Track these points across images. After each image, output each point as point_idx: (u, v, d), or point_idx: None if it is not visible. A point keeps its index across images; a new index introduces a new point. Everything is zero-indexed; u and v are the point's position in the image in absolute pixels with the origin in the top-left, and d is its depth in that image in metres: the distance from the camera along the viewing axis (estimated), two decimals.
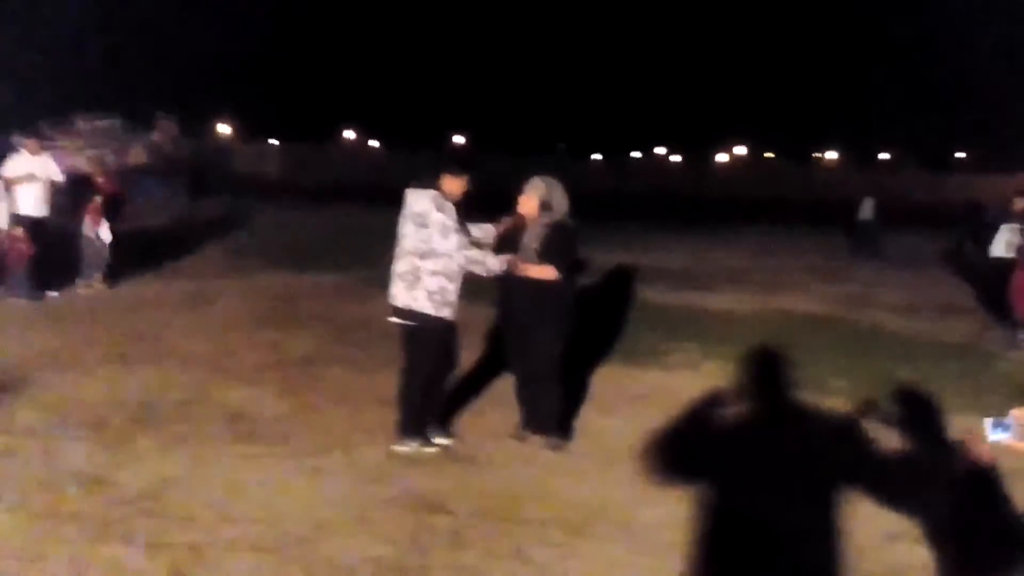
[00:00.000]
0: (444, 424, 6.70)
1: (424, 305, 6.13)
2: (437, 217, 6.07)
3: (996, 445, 6.68)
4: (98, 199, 12.76)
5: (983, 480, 2.65)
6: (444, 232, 6.06)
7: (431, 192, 6.14)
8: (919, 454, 6.54)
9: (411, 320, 6.21)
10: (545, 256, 6.31)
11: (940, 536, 4.74)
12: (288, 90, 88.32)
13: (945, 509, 4.54)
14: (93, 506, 5.19)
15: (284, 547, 4.78)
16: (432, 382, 6.37)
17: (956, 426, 7.10)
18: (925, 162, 72.17)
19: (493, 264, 6.21)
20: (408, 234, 6.18)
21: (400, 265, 6.22)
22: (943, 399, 7.91)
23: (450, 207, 6.10)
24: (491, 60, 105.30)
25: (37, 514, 5.04)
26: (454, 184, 6.23)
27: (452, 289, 6.15)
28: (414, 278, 6.12)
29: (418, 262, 6.11)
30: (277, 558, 4.66)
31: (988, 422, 7.19)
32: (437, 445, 6.39)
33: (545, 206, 6.42)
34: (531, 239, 6.40)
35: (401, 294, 6.21)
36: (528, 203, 6.45)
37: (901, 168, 70.26)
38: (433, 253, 6.07)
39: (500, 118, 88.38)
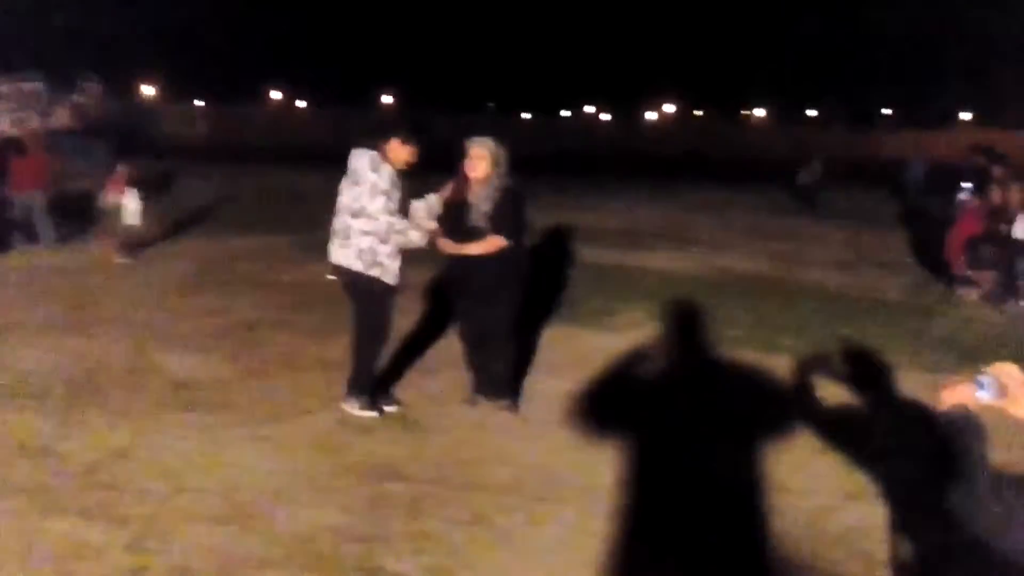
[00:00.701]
0: (388, 390, 6.69)
1: (354, 263, 6.09)
2: (370, 176, 6.01)
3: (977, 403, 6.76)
4: (123, 168, 12.76)
5: (958, 433, 2.66)
6: (373, 193, 5.99)
7: (371, 152, 6.08)
8: (872, 411, 6.66)
9: (345, 277, 6.23)
10: (501, 221, 6.20)
11: (900, 495, 4.83)
12: (213, 50, 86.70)
13: (906, 467, 4.62)
14: (42, 479, 5.09)
15: (242, 517, 4.72)
16: (377, 343, 6.39)
17: (903, 383, 7.25)
18: (852, 118, 73.08)
19: (415, 237, 6.12)
20: (343, 191, 6.15)
21: (336, 222, 6.20)
22: (887, 356, 8.06)
23: (387, 170, 6.03)
24: (419, 17, 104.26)
25: None
26: (400, 151, 6.15)
27: (383, 251, 6.06)
28: (345, 236, 6.10)
29: (350, 220, 6.07)
30: (236, 528, 4.61)
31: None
32: (380, 410, 6.38)
33: (494, 166, 6.27)
34: (480, 202, 6.25)
35: (336, 251, 6.19)
36: (480, 165, 6.24)
37: (828, 125, 71.06)
38: (363, 212, 6.01)
39: (429, 76, 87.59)
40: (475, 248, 6.21)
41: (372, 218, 5.98)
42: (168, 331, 8.45)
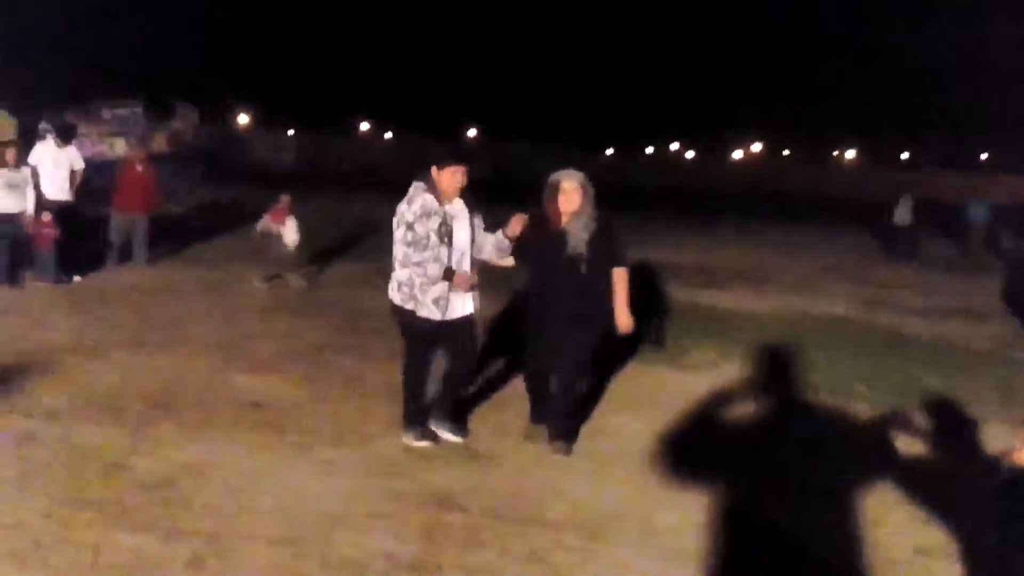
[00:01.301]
0: (457, 421, 6.67)
1: (395, 295, 6.22)
2: (402, 207, 6.08)
3: None
4: (286, 198, 13.15)
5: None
6: (398, 223, 6.08)
7: (417, 183, 6.12)
8: (951, 465, 6.52)
9: (392, 309, 6.33)
10: (602, 254, 6.26)
11: (976, 553, 4.72)
12: (305, 80, 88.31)
13: (982, 524, 4.51)
14: (113, 492, 5.22)
15: (299, 540, 4.79)
16: (422, 375, 6.44)
17: (988, 437, 7.09)
18: (945, 162, 71.83)
19: (432, 271, 6.05)
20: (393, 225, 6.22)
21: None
22: (971, 408, 7.89)
23: (420, 201, 6.03)
24: (506, 52, 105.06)
25: (59, 498, 5.07)
26: (444, 176, 6.07)
27: (416, 282, 6.08)
28: (393, 268, 6.22)
29: (395, 252, 6.16)
30: (292, 551, 4.68)
31: None
32: (436, 439, 6.39)
33: (584, 197, 6.28)
34: (577, 232, 6.24)
35: (390, 283, 6.29)
36: (575, 197, 6.26)
37: (921, 167, 69.92)
38: (397, 244, 6.14)
39: (513, 110, 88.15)
40: (622, 303, 6.39)
41: (401, 250, 6.11)
42: (243, 352, 8.63)
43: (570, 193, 6.26)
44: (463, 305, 6.26)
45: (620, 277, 6.35)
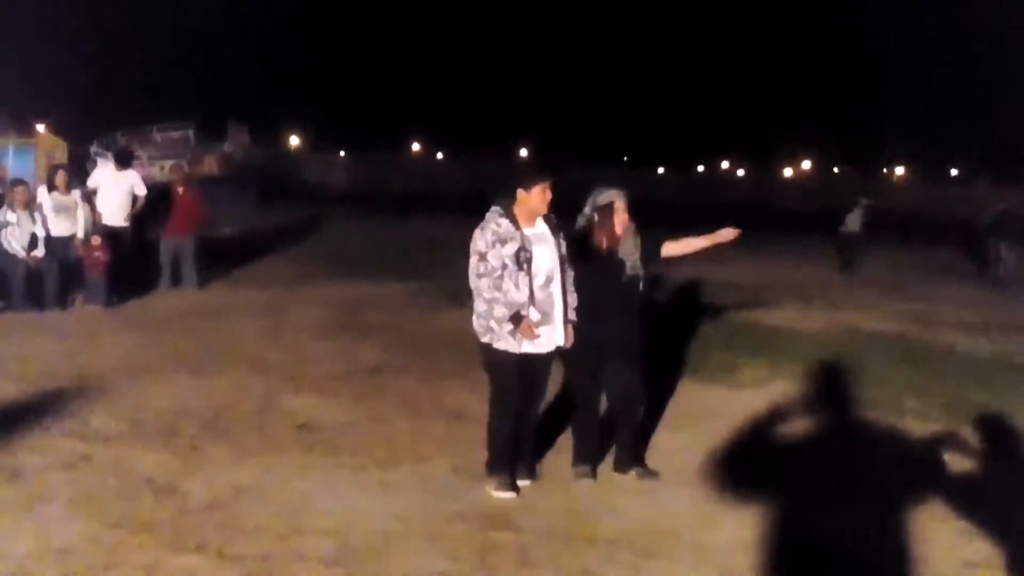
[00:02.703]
0: (529, 464, 6.21)
1: (474, 328, 5.83)
2: (475, 235, 5.74)
3: None
4: None
5: None
6: (475, 254, 5.71)
7: (494, 208, 5.75)
8: (1000, 481, 6.42)
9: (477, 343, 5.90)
10: (648, 264, 6.24)
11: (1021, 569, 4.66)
12: (356, 101, 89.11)
13: None
14: (166, 514, 5.26)
15: (352, 561, 4.80)
16: (506, 415, 5.90)
17: None
18: (997, 178, 70.86)
19: (499, 312, 5.65)
20: None
21: None
22: (1021, 423, 7.77)
23: (493, 228, 5.65)
24: (557, 72, 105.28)
25: (111, 522, 5.12)
26: (534, 195, 5.72)
27: (492, 313, 5.68)
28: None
29: (471, 281, 5.78)
30: (344, 571, 4.68)
31: None
32: (516, 489, 5.89)
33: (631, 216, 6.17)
34: (629, 250, 6.15)
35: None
36: (624, 218, 6.10)
37: (971, 183, 69.08)
38: (471, 272, 5.77)
39: (565, 129, 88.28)
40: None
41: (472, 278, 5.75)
42: (296, 373, 8.66)
43: (623, 213, 6.10)
44: (551, 338, 5.84)
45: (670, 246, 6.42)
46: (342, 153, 65.64)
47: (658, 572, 4.92)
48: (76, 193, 11.66)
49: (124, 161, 13.39)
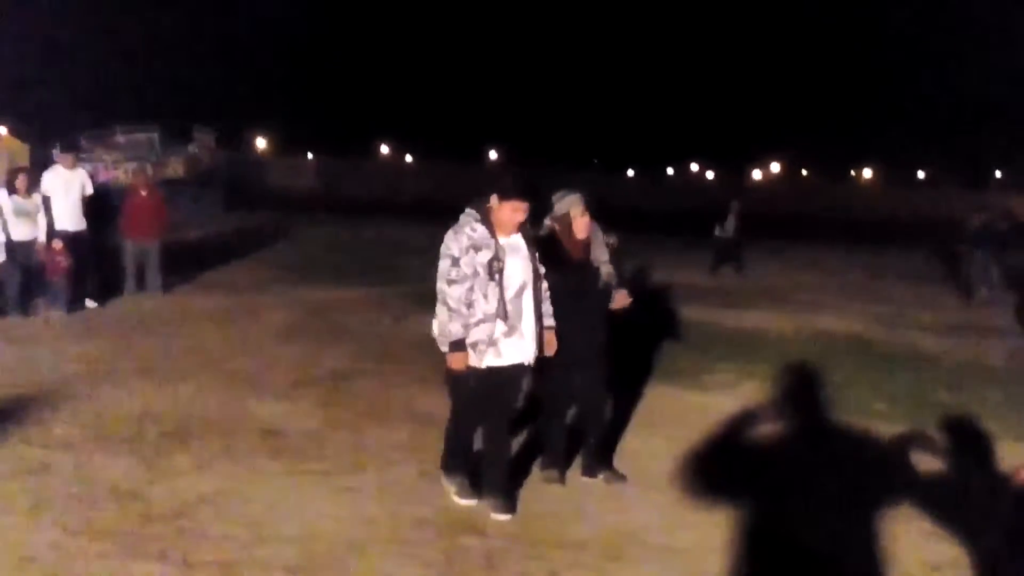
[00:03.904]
0: (508, 493, 5.81)
1: (437, 335, 5.65)
2: (448, 238, 5.50)
3: None
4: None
5: None
6: (442, 255, 5.48)
7: (468, 211, 5.55)
8: (965, 482, 6.44)
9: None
10: (619, 273, 6.14)
11: (987, 568, 4.66)
12: (324, 105, 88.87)
13: (994, 540, 4.46)
14: (128, 522, 5.19)
15: (317, 568, 4.75)
16: (465, 428, 5.80)
17: (1003, 454, 7.00)
18: (964, 181, 71.56)
19: (455, 329, 5.42)
20: None
21: None
22: (986, 424, 7.81)
23: (468, 233, 5.44)
24: (526, 76, 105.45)
25: (72, 530, 5.04)
26: (504, 209, 5.48)
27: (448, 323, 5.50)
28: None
29: (438, 287, 5.56)
30: None
31: None
32: (478, 497, 5.71)
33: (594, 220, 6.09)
34: (602, 257, 6.11)
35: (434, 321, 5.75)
36: (585, 221, 5.98)
37: (939, 186, 69.74)
38: (438, 277, 5.53)
39: (535, 132, 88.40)
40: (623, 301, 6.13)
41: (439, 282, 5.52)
42: (261, 379, 8.59)
43: (584, 217, 6.00)
44: (519, 350, 5.60)
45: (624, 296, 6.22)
46: (310, 156, 65.45)
47: (624, 575, 4.91)
48: (37, 196, 11.50)
49: (70, 149, 13.16)
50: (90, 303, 11.92)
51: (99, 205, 12.67)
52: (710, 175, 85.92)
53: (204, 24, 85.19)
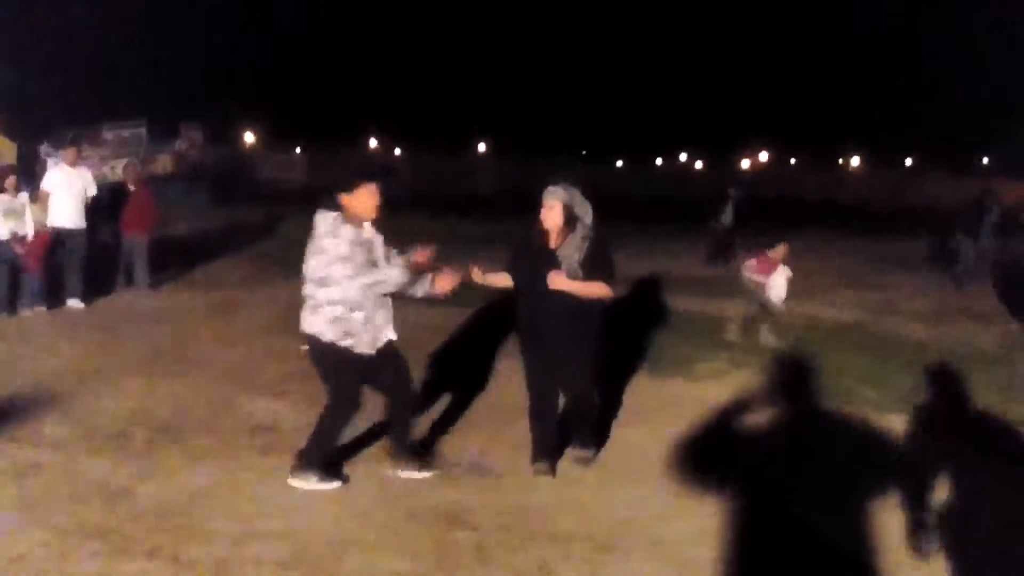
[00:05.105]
0: (423, 455, 6.35)
1: (324, 332, 5.74)
2: (329, 244, 5.66)
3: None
4: (783, 246, 11.31)
5: None
6: (332, 262, 5.64)
7: (330, 215, 5.74)
8: (954, 466, 6.46)
9: (316, 347, 5.85)
10: (597, 269, 6.07)
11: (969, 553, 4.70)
12: (312, 99, 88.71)
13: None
14: (118, 521, 5.19)
15: (308, 562, 4.76)
16: (391, 411, 6.14)
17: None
18: (952, 167, 71.66)
19: (395, 275, 5.74)
20: (307, 258, 5.82)
21: (304, 290, 5.86)
22: (974, 408, 7.85)
23: (346, 232, 5.66)
24: (514, 65, 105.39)
25: (63, 529, 5.04)
26: (355, 200, 5.75)
27: (356, 318, 5.72)
28: (315, 303, 5.77)
29: (316, 288, 5.74)
30: (301, 573, 4.64)
31: None
32: (334, 481, 5.91)
33: (570, 216, 6.12)
34: (569, 252, 6.11)
35: (304, 318, 5.86)
36: (551, 214, 6.11)
37: (926, 173, 69.81)
38: (331, 280, 5.66)
39: (524, 123, 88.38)
40: (579, 287, 6.02)
41: (344, 284, 5.66)
42: (251, 375, 8.58)
43: (547, 210, 6.11)
44: (377, 338, 5.95)
45: (600, 286, 6.12)
46: (298, 151, 65.28)
47: (615, 566, 4.92)
48: (24, 195, 11.45)
49: (73, 143, 13.11)
50: (74, 302, 11.85)
51: (92, 204, 12.63)
52: (699, 164, 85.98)
53: (191, 17, 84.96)
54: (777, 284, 10.98)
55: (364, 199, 5.76)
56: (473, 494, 5.82)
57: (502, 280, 6.43)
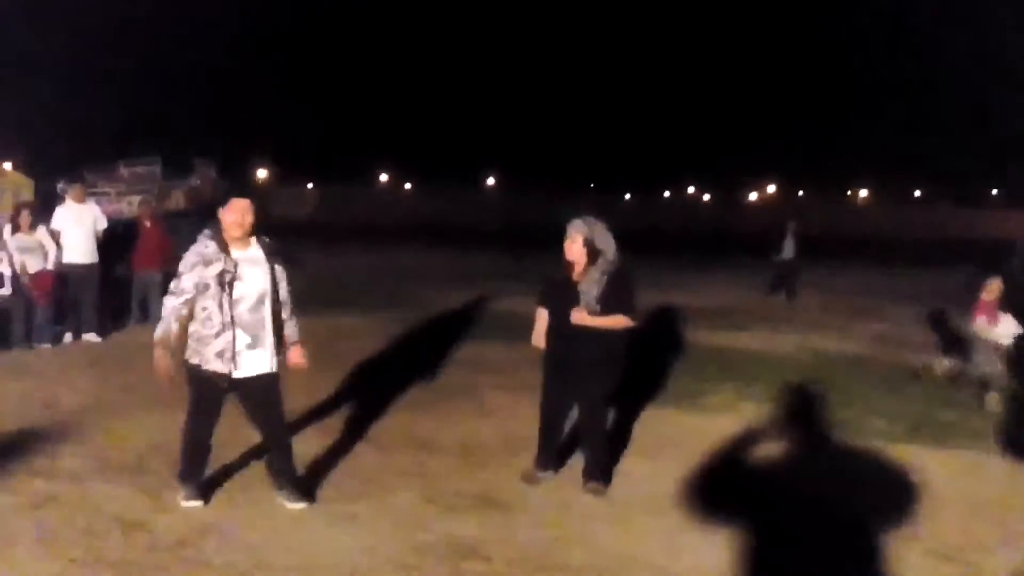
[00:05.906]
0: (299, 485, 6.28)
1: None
2: (187, 255, 5.89)
3: None
4: (996, 283, 10.41)
5: None
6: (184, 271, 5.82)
7: (204, 232, 5.94)
8: (965, 500, 6.49)
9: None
10: (617, 302, 6.25)
11: None
12: (323, 133, 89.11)
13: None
14: (133, 553, 5.23)
15: None
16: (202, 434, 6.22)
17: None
18: (959, 199, 71.67)
19: (159, 331, 5.87)
20: None
21: None
22: (983, 444, 7.86)
23: (201, 248, 5.82)
24: (523, 102, 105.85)
25: (79, 561, 5.09)
26: (227, 213, 5.83)
27: (205, 334, 5.83)
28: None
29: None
30: None
31: None
32: (196, 499, 6.07)
33: (592, 249, 6.32)
34: (589, 286, 6.28)
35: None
36: (573, 247, 6.34)
37: (935, 205, 69.86)
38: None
39: (533, 156, 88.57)
40: (602, 322, 6.22)
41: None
42: None
43: (572, 243, 6.37)
44: (261, 361, 6.05)
45: (618, 319, 6.29)
46: (310, 185, 65.58)
47: None
48: (41, 230, 11.58)
49: (77, 181, 13.24)
50: (90, 337, 11.95)
51: (105, 238, 12.73)
52: (706, 197, 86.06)
53: (205, 55, 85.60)
54: (1006, 333, 10.23)
55: (228, 216, 5.83)
56: (484, 526, 5.83)
57: (543, 321, 6.63)
